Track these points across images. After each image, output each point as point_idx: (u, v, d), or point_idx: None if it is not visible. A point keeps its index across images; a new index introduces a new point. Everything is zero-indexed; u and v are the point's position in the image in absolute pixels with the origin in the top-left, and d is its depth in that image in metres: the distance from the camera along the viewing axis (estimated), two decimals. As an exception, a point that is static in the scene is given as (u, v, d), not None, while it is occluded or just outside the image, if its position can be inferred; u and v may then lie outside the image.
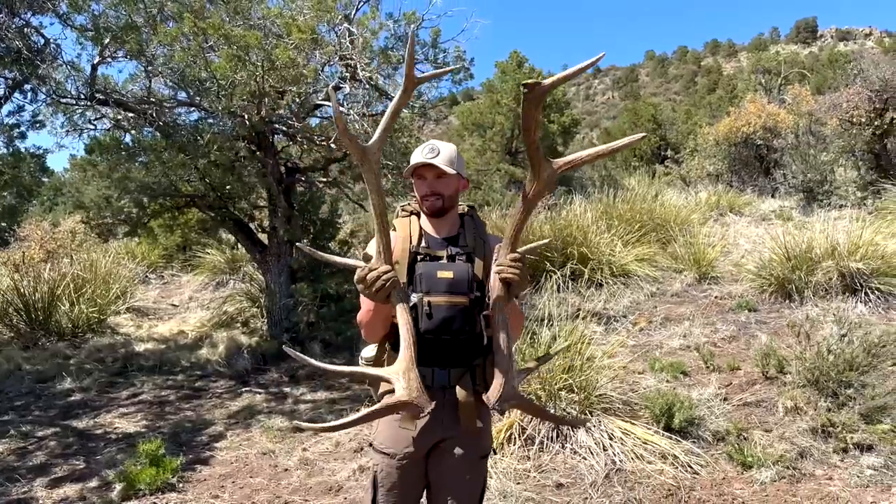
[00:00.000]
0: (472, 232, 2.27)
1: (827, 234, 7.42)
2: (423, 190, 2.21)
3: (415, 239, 2.22)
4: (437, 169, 2.17)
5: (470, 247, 2.23)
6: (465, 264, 2.17)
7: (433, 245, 2.22)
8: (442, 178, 2.20)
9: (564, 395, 4.31)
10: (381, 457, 2.19)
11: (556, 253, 8.38)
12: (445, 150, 2.19)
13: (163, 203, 6.79)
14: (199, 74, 5.10)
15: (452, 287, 2.11)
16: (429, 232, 2.26)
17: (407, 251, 2.19)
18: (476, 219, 2.33)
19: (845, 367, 4.32)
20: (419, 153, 2.19)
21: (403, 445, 2.15)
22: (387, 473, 2.18)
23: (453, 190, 2.23)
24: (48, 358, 7.26)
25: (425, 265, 2.16)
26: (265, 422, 5.08)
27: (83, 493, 4.10)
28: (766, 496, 3.49)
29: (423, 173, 2.19)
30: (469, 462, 2.18)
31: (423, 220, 2.28)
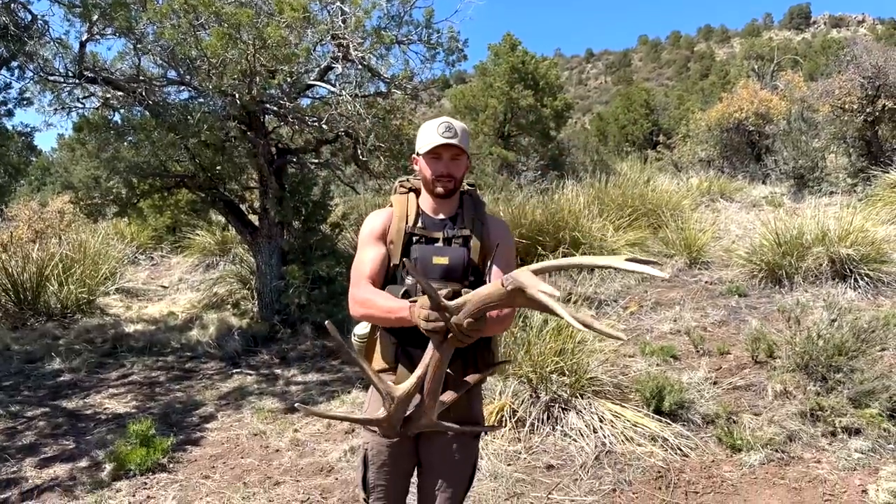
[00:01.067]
0: (470, 212, 2.21)
1: (817, 221, 7.45)
2: (439, 170, 2.13)
3: (411, 218, 2.18)
4: (455, 149, 2.11)
5: (468, 229, 2.18)
6: (461, 249, 2.13)
7: (429, 225, 2.17)
8: (457, 160, 2.14)
9: (555, 377, 4.32)
10: (371, 436, 2.18)
11: (548, 237, 8.38)
12: (461, 129, 2.13)
13: (152, 183, 6.71)
14: (189, 52, 5.02)
15: (448, 274, 2.08)
16: (426, 211, 2.20)
17: (402, 231, 2.15)
18: (476, 198, 2.27)
19: (835, 352, 4.35)
20: (434, 131, 2.11)
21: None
22: (377, 452, 2.17)
23: (464, 171, 2.18)
24: (37, 338, 7.21)
25: (421, 249, 2.12)
26: (256, 403, 5.08)
27: (73, 473, 4.09)
28: (754, 478, 3.52)
29: (440, 153, 2.12)
30: (460, 443, 2.18)
31: (421, 199, 2.23)
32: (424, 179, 2.18)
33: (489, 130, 17.35)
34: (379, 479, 2.17)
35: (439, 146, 2.09)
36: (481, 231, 2.18)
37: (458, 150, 2.11)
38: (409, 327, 1.96)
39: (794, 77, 19.86)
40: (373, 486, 2.17)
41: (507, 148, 17.06)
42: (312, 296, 6.69)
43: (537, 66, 16.96)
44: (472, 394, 2.22)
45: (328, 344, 6.52)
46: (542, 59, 17.54)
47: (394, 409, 1.90)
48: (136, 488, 3.83)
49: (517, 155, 16.53)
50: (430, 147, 2.10)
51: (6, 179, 7.31)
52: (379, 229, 2.18)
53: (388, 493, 2.20)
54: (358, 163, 7.16)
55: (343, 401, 4.97)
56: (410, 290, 2.07)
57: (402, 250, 2.13)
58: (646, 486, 3.53)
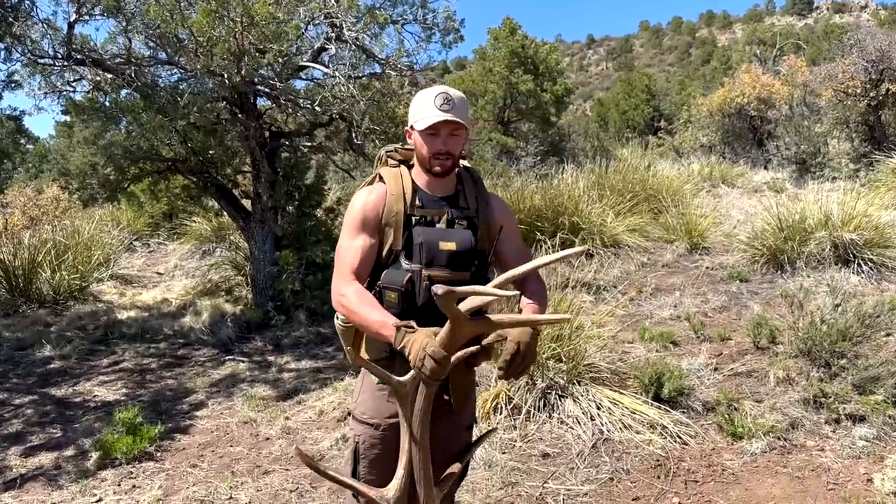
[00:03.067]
0: (472, 190, 2.05)
1: (820, 205, 7.33)
2: (436, 147, 1.94)
3: (408, 196, 1.99)
4: (453, 124, 1.93)
5: (471, 209, 2.02)
6: (467, 233, 1.97)
7: (428, 204, 2.00)
8: (455, 135, 1.96)
9: (552, 364, 4.22)
10: (363, 427, 2.06)
11: (547, 223, 8.26)
12: (459, 100, 1.95)
13: (143, 167, 6.59)
14: (175, 30, 4.88)
15: (455, 261, 1.92)
16: (423, 188, 2.02)
17: (401, 213, 1.97)
18: (475, 174, 2.10)
19: (839, 338, 4.24)
20: (430, 103, 1.92)
21: (386, 415, 2.01)
22: (370, 444, 2.05)
23: (463, 145, 2.00)
24: (28, 325, 7.11)
25: (425, 232, 1.95)
26: (248, 390, 4.97)
27: (58, 462, 4.00)
28: (756, 467, 3.42)
29: (438, 128, 1.93)
30: (454, 432, 2.07)
31: (414, 173, 2.05)
32: (420, 156, 2.00)
33: (488, 116, 17.18)
34: (371, 473, 2.04)
35: (438, 122, 1.92)
36: (486, 212, 2.03)
37: (458, 124, 1.94)
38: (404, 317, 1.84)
39: (797, 62, 19.67)
40: (364, 479, 2.04)
41: (507, 134, 16.89)
42: (306, 282, 6.59)
43: (537, 50, 16.76)
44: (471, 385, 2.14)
45: (322, 331, 6.42)
46: (542, 44, 17.33)
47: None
48: (122, 477, 3.74)
49: (517, 141, 16.37)
50: (427, 124, 1.92)
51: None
52: (371, 213, 1.99)
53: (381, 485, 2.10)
54: (352, 147, 7.02)
55: (335, 388, 4.87)
56: (414, 276, 1.93)
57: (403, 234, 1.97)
58: (644, 474, 3.44)
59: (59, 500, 3.54)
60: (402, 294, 1.93)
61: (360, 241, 1.97)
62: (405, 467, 1.80)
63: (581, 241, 7.97)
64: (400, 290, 1.92)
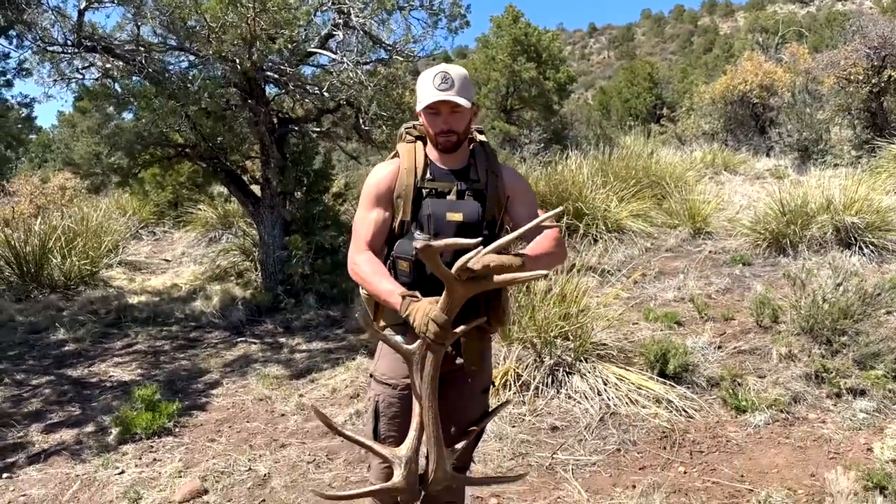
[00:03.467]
0: (483, 164, 2.14)
1: (822, 190, 7.41)
2: (438, 127, 2.04)
3: (419, 170, 2.10)
4: (453, 102, 2.01)
5: (481, 182, 2.11)
6: (474, 204, 2.06)
7: (439, 177, 2.10)
8: (457, 113, 2.04)
9: (560, 342, 4.32)
10: (382, 387, 2.17)
11: (552, 208, 8.32)
12: (459, 78, 2.02)
13: (153, 153, 6.67)
14: (188, 16, 4.96)
15: (462, 231, 2.00)
16: (435, 162, 2.12)
17: (412, 186, 2.08)
18: (487, 148, 2.19)
19: (840, 316, 4.33)
20: (430, 83, 2.01)
21: (403, 376, 2.10)
22: (388, 403, 2.15)
23: (467, 122, 2.08)
24: (41, 310, 7.22)
25: (434, 203, 2.04)
26: (261, 370, 5.09)
27: (79, 438, 4.11)
28: (759, 438, 3.53)
29: (438, 107, 2.02)
30: (470, 395, 2.17)
31: (429, 148, 2.15)
32: (427, 134, 2.11)
33: (491, 104, 17.22)
34: (391, 430, 2.15)
35: (436, 102, 2.01)
36: (496, 183, 2.12)
37: (456, 102, 2.00)
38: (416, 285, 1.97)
39: (799, 49, 19.66)
40: (384, 436, 2.14)
41: (510, 122, 16.94)
42: (315, 266, 6.69)
43: (540, 38, 16.78)
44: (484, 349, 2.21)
45: (331, 313, 6.53)
46: (544, 32, 17.34)
47: (406, 472, 1.88)
48: (143, 451, 3.85)
49: (520, 129, 16.42)
50: (424, 104, 2.02)
51: (6, 151, 7.27)
52: (384, 187, 2.11)
53: (400, 443, 2.20)
54: (360, 133, 7.10)
55: (347, 367, 4.98)
56: None
57: (413, 205, 2.07)
58: (650, 445, 3.54)
59: (83, 473, 3.65)
60: (413, 263, 2.03)
61: (373, 214, 2.10)
62: (416, 429, 1.91)
63: (585, 226, 8.07)
64: (411, 259, 2.03)
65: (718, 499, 2.99)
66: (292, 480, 3.43)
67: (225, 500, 3.26)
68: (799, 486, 3.02)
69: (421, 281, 2.02)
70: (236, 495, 3.31)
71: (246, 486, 3.40)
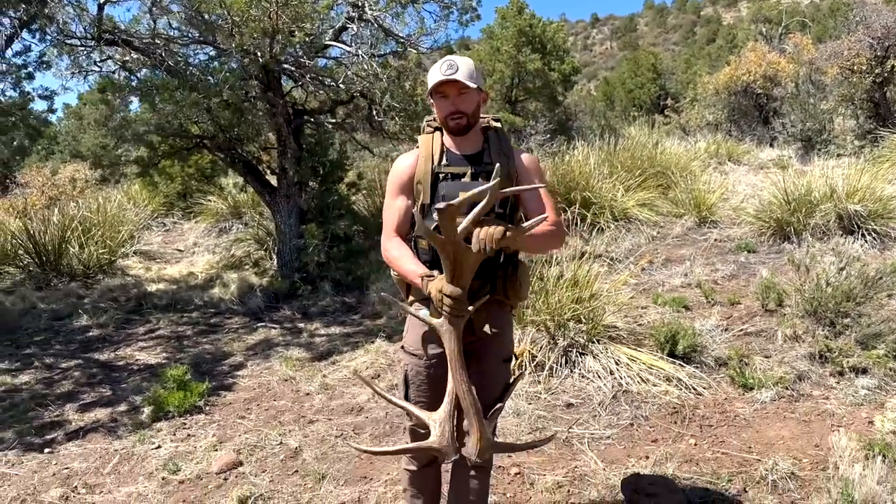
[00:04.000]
0: (497, 148, 2.29)
1: (826, 178, 7.56)
2: (447, 109, 2.19)
3: (436, 157, 2.26)
4: (459, 84, 2.14)
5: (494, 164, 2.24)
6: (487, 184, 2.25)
7: (454, 162, 2.26)
8: (464, 95, 2.17)
9: (572, 325, 4.49)
10: (410, 357, 2.36)
11: (559, 198, 8.49)
12: (464, 64, 2.17)
13: (173, 144, 6.84)
14: (214, 10, 5.11)
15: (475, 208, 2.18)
16: (451, 149, 2.28)
17: (429, 172, 2.25)
18: (501, 133, 2.34)
19: (843, 299, 4.50)
20: (437, 71, 2.16)
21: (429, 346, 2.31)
22: (416, 372, 2.34)
23: (475, 105, 2.22)
24: (62, 297, 7.40)
25: (448, 185, 2.21)
26: (283, 353, 5.27)
27: (114, 416, 4.30)
28: (766, 413, 3.70)
29: (445, 91, 2.17)
30: (492, 364, 2.33)
31: (445, 137, 2.30)
32: (440, 119, 2.26)
33: (496, 95, 17.30)
34: (420, 397, 2.35)
35: (441, 84, 2.16)
36: (508, 165, 2.27)
37: (462, 84, 2.14)
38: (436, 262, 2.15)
39: (803, 40, 19.72)
40: (414, 402, 2.33)
41: (515, 113, 17.04)
42: (331, 254, 6.86)
43: (545, 29, 16.87)
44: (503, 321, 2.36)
45: (347, 300, 6.71)
46: (549, 23, 17.43)
47: (440, 432, 2.05)
48: (176, 428, 4.04)
49: (525, 120, 16.53)
50: (432, 86, 2.18)
51: (26, 142, 7.44)
52: (406, 176, 2.29)
53: (429, 408, 2.38)
54: (372, 124, 7.26)
55: (367, 350, 5.16)
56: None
57: (431, 189, 2.24)
58: (662, 420, 3.72)
59: (121, 448, 3.84)
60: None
61: (397, 202, 2.31)
62: (450, 395, 2.09)
63: (593, 215, 8.22)
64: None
65: (728, 468, 3.17)
66: (322, 453, 3.61)
67: (260, 471, 3.45)
68: (804, 456, 3.20)
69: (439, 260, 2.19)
70: (270, 466, 3.49)
71: (279, 458, 3.58)
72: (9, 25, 6.67)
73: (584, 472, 3.23)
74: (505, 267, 2.29)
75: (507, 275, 2.29)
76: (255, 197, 9.45)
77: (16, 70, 7.03)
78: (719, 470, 3.14)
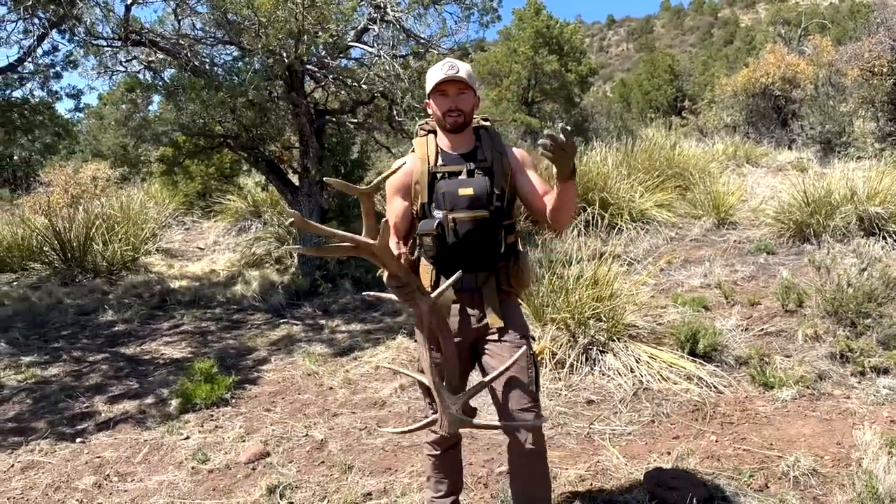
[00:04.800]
0: (489, 145, 2.39)
1: (846, 181, 7.55)
2: (446, 106, 2.29)
3: (432, 158, 2.38)
4: (460, 84, 2.28)
5: (488, 160, 2.36)
6: (484, 178, 2.32)
7: (449, 161, 2.37)
8: (463, 94, 2.30)
9: (593, 323, 4.53)
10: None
11: (577, 198, 8.52)
12: (464, 67, 2.30)
13: (197, 143, 6.95)
14: (241, 11, 5.21)
15: (474, 202, 2.28)
16: (445, 149, 2.39)
17: (426, 172, 2.35)
18: (492, 131, 2.45)
19: (864, 299, 4.51)
20: (439, 71, 2.28)
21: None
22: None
23: (471, 106, 2.34)
24: (87, 293, 7.54)
25: (447, 183, 2.32)
26: (306, 348, 5.36)
27: (142, 408, 4.39)
28: (786, 411, 3.72)
29: (446, 89, 2.28)
30: (513, 344, 2.37)
31: (439, 138, 2.42)
32: (436, 118, 2.36)
33: (513, 97, 17.38)
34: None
35: (443, 83, 2.27)
36: (501, 160, 2.37)
37: (463, 84, 2.27)
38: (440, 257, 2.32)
39: (822, 41, 19.60)
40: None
41: (531, 114, 17.09)
42: (351, 252, 6.93)
43: (562, 30, 16.91)
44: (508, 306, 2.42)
45: (367, 298, 6.77)
46: (566, 24, 17.46)
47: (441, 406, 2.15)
48: (204, 420, 4.12)
49: (541, 121, 16.57)
50: (434, 84, 2.28)
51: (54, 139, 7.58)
52: (404, 180, 2.40)
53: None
54: (392, 124, 7.34)
55: (388, 346, 5.23)
56: (443, 222, 2.29)
57: (429, 189, 2.35)
58: (683, 417, 3.75)
59: (150, 438, 3.93)
60: (435, 237, 2.31)
61: (395, 205, 2.43)
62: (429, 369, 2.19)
63: (611, 215, 8.25)
64: (433, 234, 2.30)
65: (749, 464, 3.19)
66: (347, 445, 3.68)
67: (287, 462, 3.52)
68: (825, 453, 3.22)
69: (444, 253, 2.33)
70: (297, 457, 3.57)
71: (305, 449, 3.65)
72: (38, 25, 6.82)
73: (606, 467, 3.27)
74: (507, 257, 2.40)
75: (510, 265, 2.40)
76: (275, 196, 9.57)
77: (44, 69, 7.19)
78: (741, 466, 3.17)
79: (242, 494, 3.22)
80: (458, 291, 2.37)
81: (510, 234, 2.39)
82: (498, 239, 2.35)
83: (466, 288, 2.37)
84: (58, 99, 7.17)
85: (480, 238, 2.31)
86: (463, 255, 2.32)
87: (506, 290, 2.41)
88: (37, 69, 7.37)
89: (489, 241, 2.33)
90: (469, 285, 2.36)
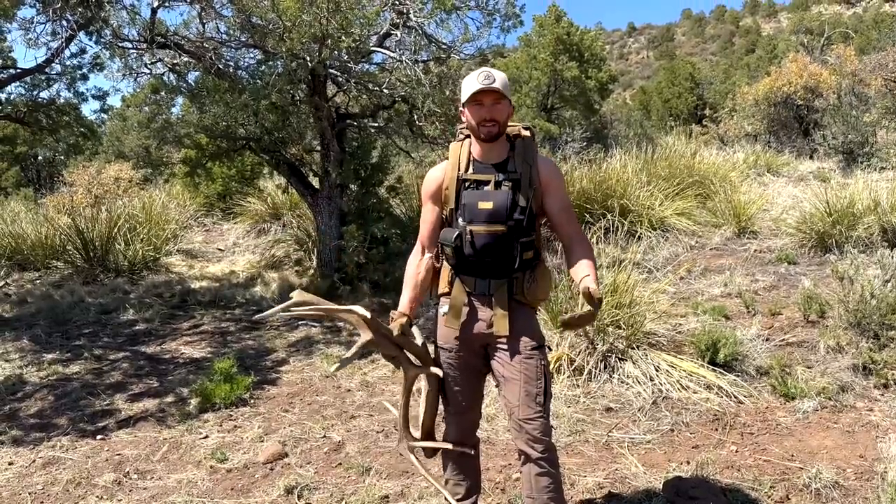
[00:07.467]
0: (521, 156, 2.38)
1: (869, 191, 7.47)
2: (482, 115, 2.28)
3: (463, 165, 2.40)
4: (496, 94, 2.27)
5: (518, 172, 2.35)
6: (504, 194, 2.31)
7: (479, 170, 2.38)
8: (498, 105, 2.29)
9: (612, 330, 4.52)
10: (443, 352, 2.52)
11: (596, 205, 8.51)
12: (500, 76, 2.29)
13: (220, 145, 7.02)
14: (266, 15, 5.26)
15: (492, 217, 2.30)
16: (477, 157, 2.40)
17: (455, 179, 2.38)
18: (527, 141, 2.42)
19: (888, 311, 4.45)
20: (475, 80, 2.27)
21: (452, 338, 2.47)
22: (447, 365, 2.51)
23: (506, 116, 2.34)
24: (108, 292, 7.63)
25: (469, 195, 2.34)
26: (324, 350, 5.38)
27: (161, 407, 4.44)
28: (808, 423, 3.68)
29: (482, 99, 2.27)
30: (523, 354, 2.39)
31: (472, 146, 2.42)
32: (471, 127, 2.36)
33: (532, 103, 17.35)
34: (451, 386, 2.55)
35: (479, 92, 2.26)
36: (530, 173, 2.36)
37: (498, 94, 2.27)
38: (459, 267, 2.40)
39: (845, 51, 19.42)
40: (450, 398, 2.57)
41: (550, 121, 17.06)
42: (370, 255, 6.96)
43: (582, 37, 16.89)
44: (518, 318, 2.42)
45: (385, 301, 6.78)
46: (586, 31, 17.44)
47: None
48: (223, 419, 4.16)
49: (560, 128, 16.54)
50: (470, 94, 2.28)
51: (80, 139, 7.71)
52: (434, 186, 2.45)
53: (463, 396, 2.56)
54: (412, 128, 7.36)
55: (406, 350, 5.23)
56: (462, 232, 2.33)
57: (456, 195, 2.38)
58: (703, 427, 3.73)
59: (170, 437, 3.96)
60: (454, 249, 2.36)
61: (426, 212, 2.50)
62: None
63: (630, 223, 8.20)
64: (451, 245, 2.35)
65: (770, 475, 3.16)
66: (365, 447, 3.69)
67: (305, 463, 3.54)
68: (848, 466, 3.18)
69: (462, 263, 2.39)
70: (315, 458, 3.58)
71: (322, 450, 3.67)
72: (66, 27, 6.93)
73: (625, 475, 3.25)
74: (523, 270, 2.40)
75: (526, 276, 2.41)
76: (295, 199, 9.63)
77: (71, 71, 7.32)
78: (761, 477, 3.14)
79: (260, 494, 3.24)
80: (471, 295, 2.42)
81: (527, 251, 2.38)
82: (514, 254, 2.34)
83: (480, 292, 2.41)
84: (84, 100, 7.30)
85: (496, 251, 2.33)
86: (480, 266, 2.37)
87: (519, 301, 2.42)
88: (64, 70, 7.51)
89: (505, 255, 2.34)
90: (482, 290, 2.40)
